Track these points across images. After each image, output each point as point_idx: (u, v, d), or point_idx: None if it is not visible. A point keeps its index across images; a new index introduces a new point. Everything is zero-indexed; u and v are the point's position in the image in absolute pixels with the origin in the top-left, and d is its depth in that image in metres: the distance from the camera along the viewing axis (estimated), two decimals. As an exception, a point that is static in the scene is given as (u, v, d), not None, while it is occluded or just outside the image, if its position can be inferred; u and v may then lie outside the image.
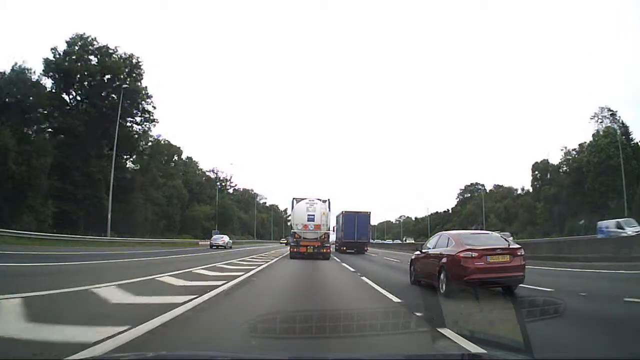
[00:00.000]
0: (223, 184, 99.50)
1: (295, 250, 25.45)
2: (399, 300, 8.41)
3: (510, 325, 3.80)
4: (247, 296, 9.36)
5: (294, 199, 27.26)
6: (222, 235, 49.31)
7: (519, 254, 10.01)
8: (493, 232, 12.22)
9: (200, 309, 6.71)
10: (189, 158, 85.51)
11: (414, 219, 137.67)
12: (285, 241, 57.84)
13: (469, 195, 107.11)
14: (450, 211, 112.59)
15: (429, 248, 11.94)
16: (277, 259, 24.75)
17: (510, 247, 10.28)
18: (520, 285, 9.56)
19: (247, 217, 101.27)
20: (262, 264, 18.75)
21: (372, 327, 4.34)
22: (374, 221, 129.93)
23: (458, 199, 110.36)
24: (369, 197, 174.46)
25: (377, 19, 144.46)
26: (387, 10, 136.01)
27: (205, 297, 7.94)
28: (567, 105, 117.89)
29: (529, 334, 3.50)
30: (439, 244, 11.52)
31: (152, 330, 5.10)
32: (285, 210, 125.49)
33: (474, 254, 9.67)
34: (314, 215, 25.92)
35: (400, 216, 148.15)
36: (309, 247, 25.20)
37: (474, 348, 4.27)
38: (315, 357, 3.50)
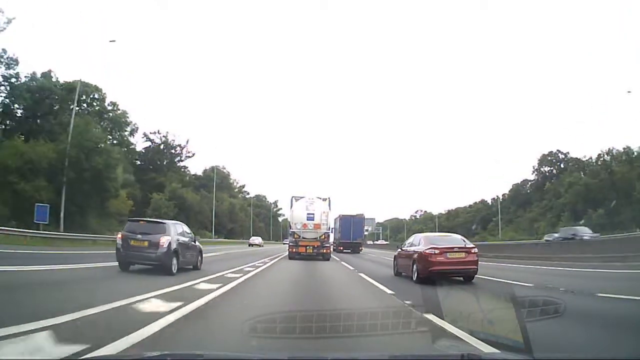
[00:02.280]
0: (173, 150, 69.86)
1: (294, 250, 25.06)
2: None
3: (510, 325, 3.80)
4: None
5: (293, 197, 26.73)
6: (258, 237, 60.26)
7: (472, 251, 12.71)
8: (455, 235, 15.18)
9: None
10: (113, 103, 52.52)
11: (444, 212, 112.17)
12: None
13: (550, 169, 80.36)
14: (502, 198, 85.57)
15: (407, 247, 14.62)
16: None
17: (466, 246, 12.94)
18: None
19: (198, 199, 68.57)
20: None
21: (372, 327, 4.35)
22: (381, 219, 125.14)
23: (535, 175, 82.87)
24: (374, 194, 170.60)
25: (380, 15, 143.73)
26: (391, 6, 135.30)
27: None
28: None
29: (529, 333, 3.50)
30: (413, 243, 14.21)
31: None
32: (276, 202, 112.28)
33: (437, 251, 12.29)
34: (313, 214, 25.45)
35: (417, 211, 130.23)
36: (308, 247, 24.79)
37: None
38: (315, 357, 3.50)
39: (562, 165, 79.04)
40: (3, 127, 41.05)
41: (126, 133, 56.88)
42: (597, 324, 6.42)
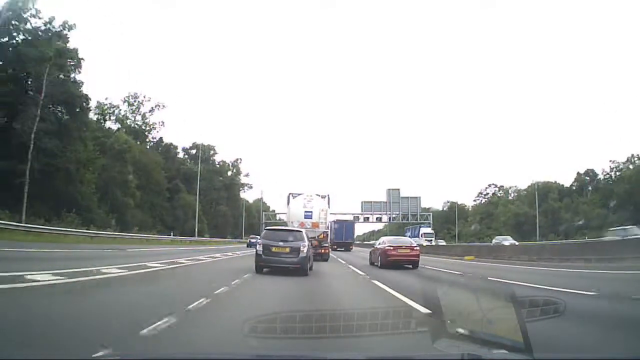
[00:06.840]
0: None
1: None
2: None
3: (510, 325, 3.79)
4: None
5: (290, 194, 26.22)
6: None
7: (415, 249, 19.74)
8: (406, 237, 22.57)
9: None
10: None
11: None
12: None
13: None
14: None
15: (377, 245, 21.73)
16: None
17: (411, 245, 20.01)
18: None
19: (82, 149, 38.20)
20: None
21: (372, 327, 4.35)
22: (429, 204, 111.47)
23: None
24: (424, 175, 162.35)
25: (383, 7, 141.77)
26: None
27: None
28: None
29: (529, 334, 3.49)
30: (381, 242, 21.50)
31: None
32: (237, 162, 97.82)
33: (391, 248, 19.42)
34: (311, 212, 24.94)
35: (489, 185, 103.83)
36: None
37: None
38: (315, 357, 3.49)
39: None
40: None
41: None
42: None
